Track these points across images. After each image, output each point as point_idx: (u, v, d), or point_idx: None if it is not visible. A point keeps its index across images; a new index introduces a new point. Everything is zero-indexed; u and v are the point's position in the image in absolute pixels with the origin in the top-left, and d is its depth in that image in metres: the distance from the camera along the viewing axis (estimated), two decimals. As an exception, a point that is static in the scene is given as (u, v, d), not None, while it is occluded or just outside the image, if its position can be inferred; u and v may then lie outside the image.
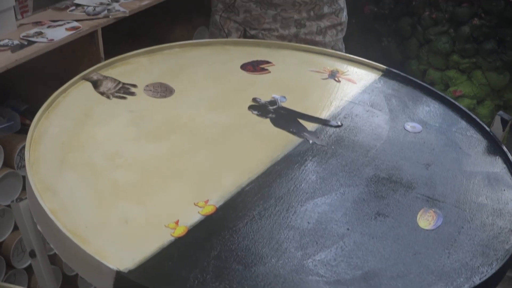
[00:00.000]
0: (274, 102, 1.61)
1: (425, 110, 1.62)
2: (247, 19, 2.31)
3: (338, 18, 2.32)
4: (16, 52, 1.86)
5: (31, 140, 1.40)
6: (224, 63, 1.81)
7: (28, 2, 2.07)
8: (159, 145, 1.44)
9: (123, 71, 1.71)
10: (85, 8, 2.15)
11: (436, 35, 2.82)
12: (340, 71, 1.77)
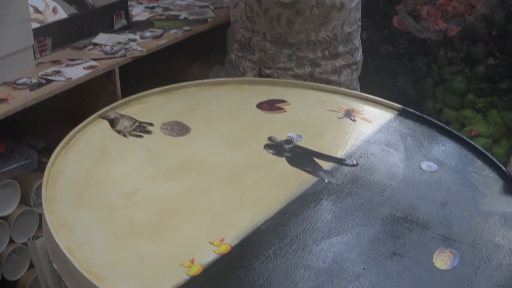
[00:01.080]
0: (289, 141, 1.61)
1: (440, 149, 1.62)
2: (262, 58, 2.32)
3: (353, 57, 2.33)
4: (35, 91, 1.88)
5: (48, 178, 1.41)
6: (240, 102, 1.82)
7: (47, 41, 2.10)
8: (175, 183, 1.44)
9: (140, 109, 1.73)
10: (103, 47, 2.17)
11: (451, 75, 2.83)
12: (355, 110, 1.78)
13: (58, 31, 2.14)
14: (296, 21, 2.21)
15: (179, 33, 2.31)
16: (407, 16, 2.85)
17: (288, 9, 2.20)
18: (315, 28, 2.22)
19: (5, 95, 1.84)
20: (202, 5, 2.59)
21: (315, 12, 2.20)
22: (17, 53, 1.95)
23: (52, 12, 2.25)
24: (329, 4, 2.19)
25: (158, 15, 2.49)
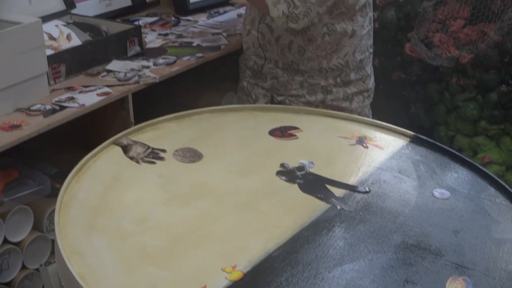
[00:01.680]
0: (302, 167, 1.61)
1: (453, 176, 1.62)
2: (274, 86, 2.33)
3: (365, 84, 2.34)
4: (48, 117, 1.89)
5: (61, 204, 1.42)
6: (252, 129, 1.82)
7: (61, 68, 2.11)
8: (187, 210, 1.44)
9: (153, 136, 1.74)
10: (116, 74, 2.18)
11: (463, 102, 2.83)
12: (368, 137, 1.78)
13: (72, 58, 2.15)
14: (308, 48, 2.22)
15: (192, 60, 2.32)
16: (419, 43, 2.85)
17: (299, 37, 2.21)
18: (326, 55, 2.23)
19: (19, 122, 1.86)
20: (215, 32, 2.61)
21: (326, 40, 2.21)
22: (32, 79, 1.97)
23: (66, 39, 2.27)
24: (340, 32, 2.20)
25: (171, 42, 2.51)
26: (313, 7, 2.03)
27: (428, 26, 2.85)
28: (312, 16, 2.05)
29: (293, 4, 2.02)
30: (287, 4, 2.02)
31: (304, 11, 2.03)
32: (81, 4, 2.62)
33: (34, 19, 1.96)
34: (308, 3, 2.02)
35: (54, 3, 2.47)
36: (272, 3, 2.04)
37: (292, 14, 2.03)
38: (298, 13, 2.03)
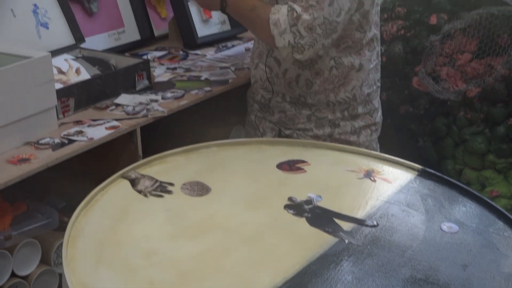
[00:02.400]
0: (309, 201, 1.61)
1: (461, 210, 1.61)
2: (282, 119, 2.34)
3: (373, 118, 2.34)
4: (57, 151, 1.90)
5: (69, 238, 1.42)
6: (260, 162, 1.82)
7: (70, 101, 2.13)
8: (195, 244, 1.44)
9: (161, 169, 1.74)
10: (125, 107, 2.19)
11: (471, 135, 2.83)
12: (375, 171, 1.78)
13: (81, 91, 2.17)
14: (315, 81, 2.23)
15: (200, 94, 2.34)
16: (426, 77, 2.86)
17: (307, 70, 2.22)
18: (334, 88, 2.24)
19: (28, 155, 1.86)
20: (223, 66, 2.62)
21: (334, 73, 2.21)
22: (41, 113, 1.98)
23: (75, 73, 2.28)
24: (347, 65, 2.21)
25: (180, 76, 2.52)
26: (319, 38, 2.04)
27: (435, 60, 2.86)
28: (317, 47, 2.06)
29: (299, 35, 2.03)
30: (293, 34, 2.03)
31: (310, 42, 2.04)
32: (90, 38, 2.65)
33: (44, 54, 1.98)
34: (314, 34, 2.03)
35: (63, 37, 2.49)
36: (278, 33, 2.05)
37: (297, 44, 2.04)
38: (304, 43, 2.03)
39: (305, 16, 2.01)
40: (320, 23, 2.02)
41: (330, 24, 2.04)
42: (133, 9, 2.88)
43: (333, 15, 2.03)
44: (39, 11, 2.43)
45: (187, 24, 2.83)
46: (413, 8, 2.97)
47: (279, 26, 2.05)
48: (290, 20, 2.03)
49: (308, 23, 2.01)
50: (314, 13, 2.01)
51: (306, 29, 2.02)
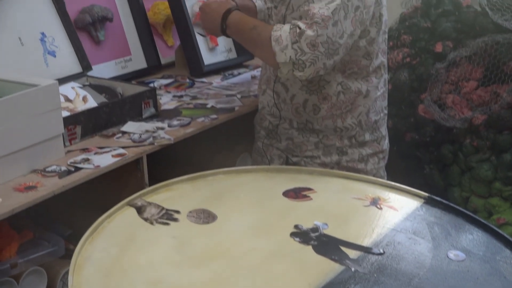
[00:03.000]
0: (316, 229, 1.61)
1: (468, 238, 1.61)
2: (289, 146, 2.34)
3: (380, 145, 2.34)
4: (63, 178, 1.90)
5: (75, 265, 1.42)
6: (266, 190, 1.82)
7: (77, 129, 2.13)
8: (201, 271, 1.44)
9: (167, 197, 1.74)
10: (131, 135, 2.20)
11: (477, 163, 2.82)
12: (381, 198, 1.78)
13: (88, 119, 2.18)
14: (323, 107, 2.23)
15: (206, 122, 2.34)
16: (432, 105, 2.87)
17: (314, 95, 2.22)
18: (341, 114, 2.24)
19: (35, 183, 1.87)
20: (229, 94, 2.63)
21: (341, 98, 2.22)
22: (47, 141, 1.99)
23: (82, 100, 2.29)
24: (355, 91, 2.22)
25: (186, 103, 2.53)
26: (321, 57, 2.03)
27: (441, 87, 2.87)
28: (318, 65, 2.04)
29: (301, 51, 2.02)
30: (294, 51, 2.03)
31: (311, 59, 2.03)
32: (98, 66, 2.66)
33: (51, 82, 1.99)
34: (317, 52, 2.02)
35: (70, 65, 2.50)
36: (280, 49, 2.05)
37: (299, 61, 2.03)
38: (305, 60, 2.02)
39: (309, 32, 2.01)
40: (323, 41, 2.02)
41: (332, 44, 2.04)
42: (140, 37, 2.90)
43: (336, 36, 2.03)
44: (47, 39, 2.45)
45: (193, 52, 2.85)
46: (419, 36, 2.98)
47: (280, 42, 2.05)
48: (292, 37, 2.03)
49: (311, 39, 2.01)
50: (318, 30, 2.01)
51: (309, 45, 2.02)
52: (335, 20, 2.02)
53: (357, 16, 2.08)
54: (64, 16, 2.52)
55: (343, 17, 2.03)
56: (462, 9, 2.96)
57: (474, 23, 2.89)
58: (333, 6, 2.02)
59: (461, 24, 2.92)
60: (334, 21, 2.02)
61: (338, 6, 2.02)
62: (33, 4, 2.44)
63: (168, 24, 3.01)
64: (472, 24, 2.89)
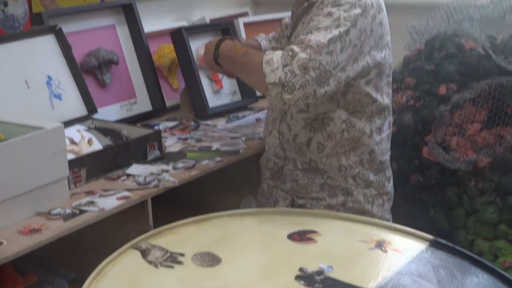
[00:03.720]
0: (321, 272, 1.61)
1: (474, 281, 1.60)
2: (294, 188, 2.34)
3: (384, 187, 2.34)
4: (68, 221, 1.90)
5: (79, 309, 1.42)
6: (271, 233, 1.82)
7: (82, 172, 2.14)
8: (206, 315, 1.43)
9: (172, 240, 1.74)
10: (136, 177, 2.20)
11: (483, 205, 2.82)
12: (386, 241, 1.77)
13: (93, 162, 2.18)
14: (327, 145, 2.23)
15: (211, 164, 2.35)
16: (436, 147, 2.87)
17: (319, 133, 2.23)
18: (345, 152, 2.24)
19: (39, 226, 1.87)
20: (234, 137, 2.64)
21: (345, 136, 2.23)
22: (52, 183, 1.99)
23: (87, 143, 2.30)
24: (359, 130, 2.22)
25: (191, 146, 2.54)
26: (312, 82, 2.01)
27: (445, 129, 2.88)
28: (308, 90, 2.01)
29: (291, 74, 2.01)
30: (285, 73, 2.01)
31: (302, 82, 2.01)
32: (103, 109, 2.68)
33: (56, 125, 2.00)
34: (307, 76, 2.01)
35: (76, 108, 2.52)
36: (270, 70, 2.03)
37: (288, 83, 2.01)
38: (295, 82, 2.00)
39: (301, 55, 2.01)
40: (315, 66, 2.01)
41: (325, 73, 2.03)
42: (145, 80, 2.92)
43: (329, 65, 2.03)
44: (53, 83, 2.47)
45: (198, 94, 2.86)
46: (422, 78, 2.99)
47: (271, 64, 2.04)
48: (284, 60, 2.02)
49: (303, 61, 2.01)
50: (311, 54, 2.01)
51: (300, 68, 2.01)
52: (330, 49, 2.02)
53: (354, 54, 2.09)
54: (70, 60, 2.54)
55: (340, 49, 2.04)
56: (466, 52, 2.97)
57: (478, 65, 2.90)
58: (330, 35, 2.03)
59: (464, 67, 2.93)
60: (329, 50, 2.02)
61: (335, 37, 2.03)
62: (40, 48, 2.46)
63: (173, 67, 3.04)
64: (475, 67, 2.90)
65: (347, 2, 2.08)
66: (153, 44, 3.00)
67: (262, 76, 2.05)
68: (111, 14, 2.88)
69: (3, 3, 2.53)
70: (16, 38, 2.41)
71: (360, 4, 2.08)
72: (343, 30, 2.04)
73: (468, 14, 3.04)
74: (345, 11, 2.06)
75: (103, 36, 2.83)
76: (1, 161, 1.83)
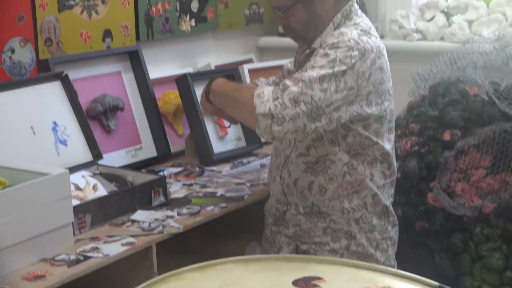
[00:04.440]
0: (326, 319, 1.60)
1: (480, 328, 1.59)
2: (297, 233, 2.34)
3: (388, 232, 2.34)
4: (72, 267, 1.90)
5: None
6: (276, 279, 1.81)
7: (86, 218, 2.14)
8: None
9: (176, 286, 1.73)
10: (141, 224, 2.20)
11: (488, 251, 2.80)
12: (392, 288, 1.76)
13: (98, 208, 2.18)
14: (329, 187, 2.24)
15: (216, 210, 2.35)
16: (441, 193, 2.87)
17: (321, 176, 2.23)
18: (348, 195, 2.24)
19: (44, 272, 1.87)
20: (238, 183, 2.64)
21: (347, 179, 2.23)
22: (57, 229, 2.00)
23: (92, 189, 2.31)
24: (361, 173, 2.23)
25: (196, 192, 2.54)
26: (302, 115, 2.02)
27: (450, 175, 2.87)
28: (298, 124, 2.02)
29: (281, 105, 2.01)
30: (275, 105, 2.02)
31: (292, 115, 2.02)
32: (108, 155, 2.69)
33: (62, 171, 2.01)
34: (298, 109, 2.01)
35: (81, 154, 2.53)
36: (260, 102, 2.04)
37: (278, 115, 2.01)
38: (285, 114, 2.01)
39: (293, 88, 2.02)
40: (306, 100, 2.02)
41: (317, 109, 2.03)
42: (150, 126, 2.93)
43: (322, 102, 2.03)
44: (59, 129, 2.48)
45: (203, 141, 2.87)
46: (427, 124, 3.00)
47: (262, 96, 2.05)
48: (275, 94, 2.03)
49: (294, 94, 2.01)
50: (303, 88, 2.02)
51: (291, 101, 2.01)
52: (323, 86, 2.03)
53: (350, 95, 2.10)
54: (76, 106, 2.56)
55: (334, 89, 2.05)
56: (469, 98, 2.98)
57: (482, 111, 2.91)
58: (323, 72, 2.04)
59: (468, 113, 2.94)
60: (323, 87, 2.03)
61: (328, 75, 2.04)
62: (46, 94, 2.48)
63: (178, 113, 3.05)
64: (479, 113, 2.91)
65: (346, 45, 2.10)
66: (159, 90, 3.02)
67: (252, 109, 2.06)
68: (117, 60, 2.90)
69: (10, 50, 2.56)
70: (23, 85, 2.44)
71: (358, 48, 2.10)
72: (338, 70, 2.06)
73: (472, 60, 3.06)
74: (342, 53, 2.08)
75: (109, 82, 2.85)
76: (7, 207, 1.83)
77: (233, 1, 3.52)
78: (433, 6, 3.40)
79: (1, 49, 2.54)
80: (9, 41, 2.57)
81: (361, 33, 2.17)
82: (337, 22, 2.23)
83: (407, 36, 3.40)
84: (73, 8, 2.77)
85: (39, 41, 2.67)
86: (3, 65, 2.55)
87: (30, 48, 2.63)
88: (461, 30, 3.29)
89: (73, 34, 2.79)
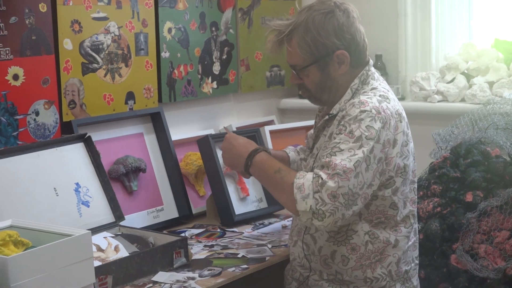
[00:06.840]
0: None
1: None
2: (320, 297, 2.32)
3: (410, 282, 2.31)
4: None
5: None
6: None
7: (108, 279, 2.14)
8: None
9: None
10: (162, 285, 2.20)
11: (514, 314, 2.77)
12: None
13: (119, 269, 2.18)
14: (352, 257, 2.22)
15: (237, 272, 2.34)
16: (464, 255, 2.84)
17: (343, 246, 2.22)
18: (371, 264, 2.23)
19: (64, 333, 1.86)
20: (260, 244, 2.63)
21: (369, 248, 2.21)
22: (78, 291, 1.99)
23: (114, 250, 2.31)
24: (383, 240, 2.22)
25: (217, 253, 2.53)
26: (340, 208, 2.04)
27: (472, 237, 2.85)
28: (337, 216, 2.05)
29: (321, 201, 2.03)
30: (315, 200, 2.04)
31: (331, 210, 2.04)
32: (130, 216, 2.70)
33: (84, 232, 2.01)
34: (337, 203, 2.03)
35: (103, 215, 2.54)
36: (301, 197, 2.06)
37: (319, 211, 2.04)
38: (325, 210, 2.03)
39: (330, 183, 2.03)
40: (344, 192, 2.04)
41: (352, 196, 2.06)
42: (172, 187, 2.95)
43: (357, 187, 2.06)
44: (81, 190, 2.50)
45: (224, 202, 2.88)
46: (449, 185, 2.99)
47: (302, 190, 2.06)
48: (315, 187, 2.05)
49: (332, 190, 2.03)
50: (339, 182, 2.03)
51: (330, 196, 2.03)
52: (357, 172, 2.05)
53: (379, 167, 2.11)
54: (98, 167, 2.58)
55: (365, 169, 2.07)
56: (491, 159, 2.98)
57: (504, 172, 2.90)
58: (355, 158, 2.05)
59: (490, 174, 2.93)
60: (356, 173, 2.05)
61: (360, 159, 2.06)
62: (69, 155, 2.51)
63: (200, 174, 3.06)
64: (501, 174, 2.90)
65: (368, 115, 2.11)
66: (180, 152, 3.04)
67: (292, 198, 2.09)
68: (139, 122, 2.93)
69: (34, 113, 2.59)
70: (46, 146, 2.47)
71: (380, 118, 2.11)
72: (367, 149, 2.07)
73: (493, 121, 3.07)
74: (365, 126, 2.09)
75: (131, 144, 2.88)
76: (29, 268, 1.83)
77: (255, 63, 3.56)
78: (454, 68, 3.42)
79: (26, 112, 2.58)
80: (34, 103, 2.61)
81: (380, 99, 2.18)
82: (355, 88, 2.25)
83: (428, 98, 3.41)
84: (97, 71, 2.82)
85: (63, 103, 2.71)
86: (27, 127, 2.58)
87: (54, 110, 2.67)
88: (482, 91, 3.30)
89: (96, 97, 2.83)
